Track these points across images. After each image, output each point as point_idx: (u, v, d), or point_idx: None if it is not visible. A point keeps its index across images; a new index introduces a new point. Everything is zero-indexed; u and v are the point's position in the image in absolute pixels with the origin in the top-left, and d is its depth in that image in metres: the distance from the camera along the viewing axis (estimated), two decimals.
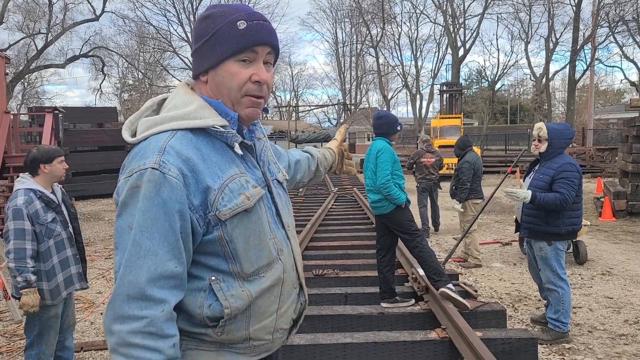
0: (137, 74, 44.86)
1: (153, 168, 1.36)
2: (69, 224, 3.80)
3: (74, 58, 33.49)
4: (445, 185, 9.93)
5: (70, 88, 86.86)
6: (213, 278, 1.45)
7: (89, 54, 34.29)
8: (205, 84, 1.55)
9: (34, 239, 3.54)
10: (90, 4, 32.57)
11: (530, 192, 4.71)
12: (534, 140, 4.92)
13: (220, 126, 1.48)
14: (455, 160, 8.43)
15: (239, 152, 1.50)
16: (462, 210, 7.91)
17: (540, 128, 4.86)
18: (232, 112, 1.52)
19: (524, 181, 5.09)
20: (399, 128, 5.41)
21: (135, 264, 1.34)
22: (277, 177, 1.69)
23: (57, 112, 12.16)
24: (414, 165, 10.31)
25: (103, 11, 32.84)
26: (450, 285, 4.85)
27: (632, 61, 36.92)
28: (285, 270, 1.58)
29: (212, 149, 1.48)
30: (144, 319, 1.31)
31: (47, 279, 3.62)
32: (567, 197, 4.60)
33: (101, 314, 5.87)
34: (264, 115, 1.78)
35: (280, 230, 1.60)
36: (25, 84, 40.54)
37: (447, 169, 20.82)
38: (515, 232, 5.42)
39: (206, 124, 1.47)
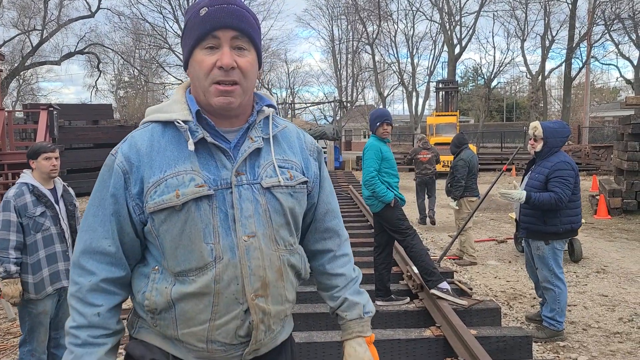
0: (133, 71, 44.62)
1: (111, 154, 1.52)
2: (63, 221, 3.81)
3: (69, 55, 33.34)
4: (441, 183, 9.97)
5: (66, 85, 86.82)
6: (155, 268, 1.51)
7: (85, 50, 34.12)
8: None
9: (19, 231, 3.60)
10: (86, 1, 32.46)
11: (524, 192, 4.70)
12: (530, 139, 4.92)
13: (182, 121, 1.48)
14: (451, 157, 8.45)
15: (191, 148, 1.45)
16: (457, 207, 7.91)
17: (535, 127, 4.85)
18: (194, 106, 1.50)
19: (522, 180, 5.08)
20: (378, 123, 5.31)
21: (80, 235, 1.53)
22: (261, 182, 1.51)
23: (52, 109, 12.10)
24: (412, 161, 11.32)
25: (98, 8, 32.69)
26: (443, 285, 4.86)
27: (628, 59, 37.01)
28: (219, 281, 1.44)
29: (174, 143, 1.49)
30: (77, 284, 1.48)
31: (32, 272, 3.66)
32: (561, 196, 4.59)
33: None
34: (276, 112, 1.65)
35: (229, 237, 1.46)
36: (20, 80, 40.31)
37: (442, 166, 20.89)
38: (516, 232, 5.41)
39: (171, 117, 1.50)
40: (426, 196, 11.29)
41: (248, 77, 1.48)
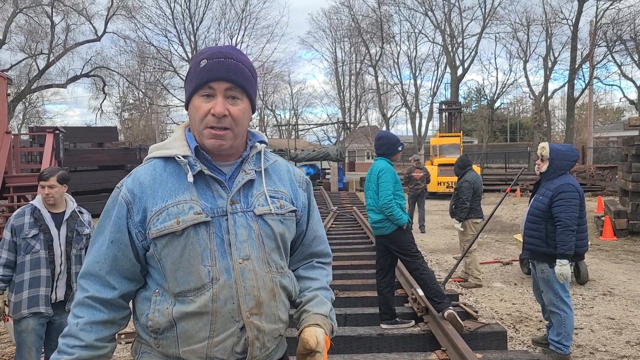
0: (138, 93, 45.05)
1: (117, 187, 1.67)
2: (59, 246, 3.76)
3: (75, 78, 33.67)
4: (445, 204, 9.97)
5: (71, 107, 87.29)
6: (156, 290, 1.62)
7: (90, 73, 34.47)
8: None
9: (12, 250, 3.71)
10: (92, 25, 32.89)
11: (565, 261, 4.56)
12: (537, 159, 4.93)
13: (182, 156, 1.63)
14: (455, 178, 8.45)
15: (190, 179, 1.60)
16: (462, 229, 7.88)
17: (543, 147, 4.87)
18: (193, 142, 1.66)
19: (529, 202, 5.06)
20: (400, 148, 5.38)
21: (85, 257, 1.69)
22: (254, 210, 1.65)
23: (57, 132, 12.16)
24: (409, 178, 12.99)
25: (104, 32, 33.14)
26: (449, 309, 4.83)
27: (631, 80, 37.09)
28: (216, 301, 1.56)
29: (174, 175, 1.64)
30: (74, 300, 1.64)
31: (15, 292, 3.71)
32: (567, 222, 4.55)
33: None
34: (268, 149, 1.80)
35: (225, 260, 1.58)
36: (27, 103, 40.68)
37: (447, 187, 20.85)
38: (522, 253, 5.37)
39: (172, 153, 1.65)
40: (417, 208, 13.12)
41: (239, 123, 1.64)
